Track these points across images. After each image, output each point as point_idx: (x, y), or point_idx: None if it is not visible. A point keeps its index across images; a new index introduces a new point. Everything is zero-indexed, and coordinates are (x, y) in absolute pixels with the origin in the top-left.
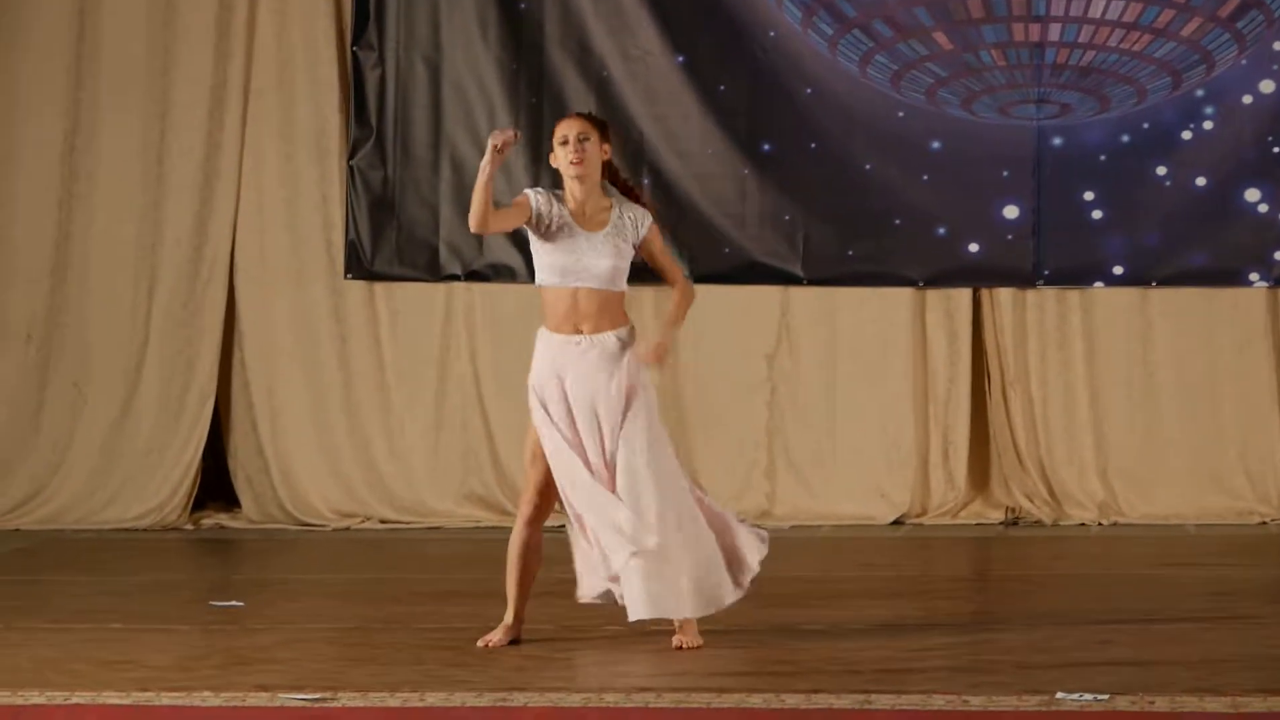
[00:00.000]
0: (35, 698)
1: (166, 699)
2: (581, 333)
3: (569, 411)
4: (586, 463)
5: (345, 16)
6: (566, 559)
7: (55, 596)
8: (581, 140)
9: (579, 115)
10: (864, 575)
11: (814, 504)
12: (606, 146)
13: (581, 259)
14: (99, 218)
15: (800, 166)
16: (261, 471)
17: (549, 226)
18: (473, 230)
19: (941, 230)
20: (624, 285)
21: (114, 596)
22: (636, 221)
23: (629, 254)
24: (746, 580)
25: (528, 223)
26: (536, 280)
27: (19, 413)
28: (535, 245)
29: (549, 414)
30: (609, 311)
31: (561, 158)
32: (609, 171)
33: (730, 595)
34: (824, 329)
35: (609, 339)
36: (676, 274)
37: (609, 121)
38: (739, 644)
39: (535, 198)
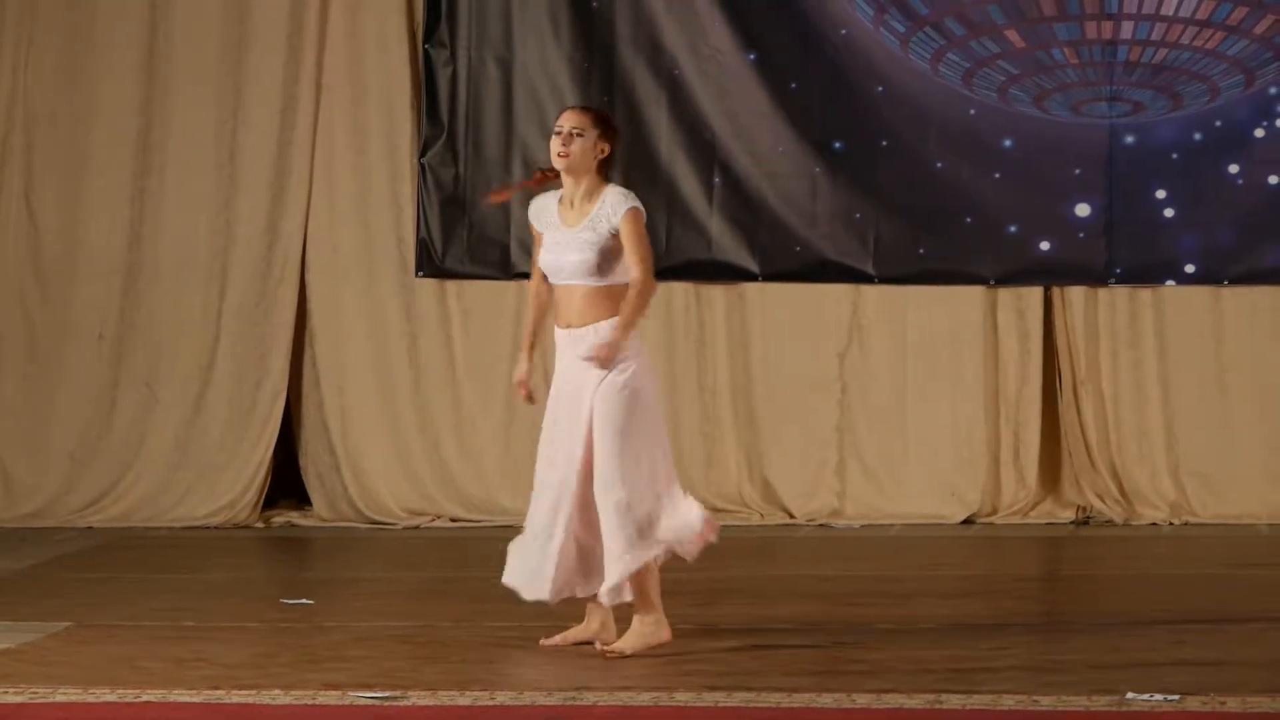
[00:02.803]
0: (107, 695)
1: (237, 697)
2: (570, 326)
3: (557, 405)
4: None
5: (417, 14)
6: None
7: (126, 594)
8: (575, 134)
9: (580, 109)
10: (934, 574)
11: (884, 503)
12: (604, 146)
13: (560, 256)
14: (170, 215)
15: (871, 164)
16: (332, 469)
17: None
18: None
19: (1013, 228)
20: (607, 279)
21: (185, 594)
22: (610, 213)
23: (605, 244)
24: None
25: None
26: None
27: (92, 411)
28: None
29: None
30: (594, 307)
31: (551, 148)
32: (603, 171)
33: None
34: (895, 327)
35: (588, 332)
36: (634, 267)
37: (615, 122)
38: (810, 643)
39: (534, 216)
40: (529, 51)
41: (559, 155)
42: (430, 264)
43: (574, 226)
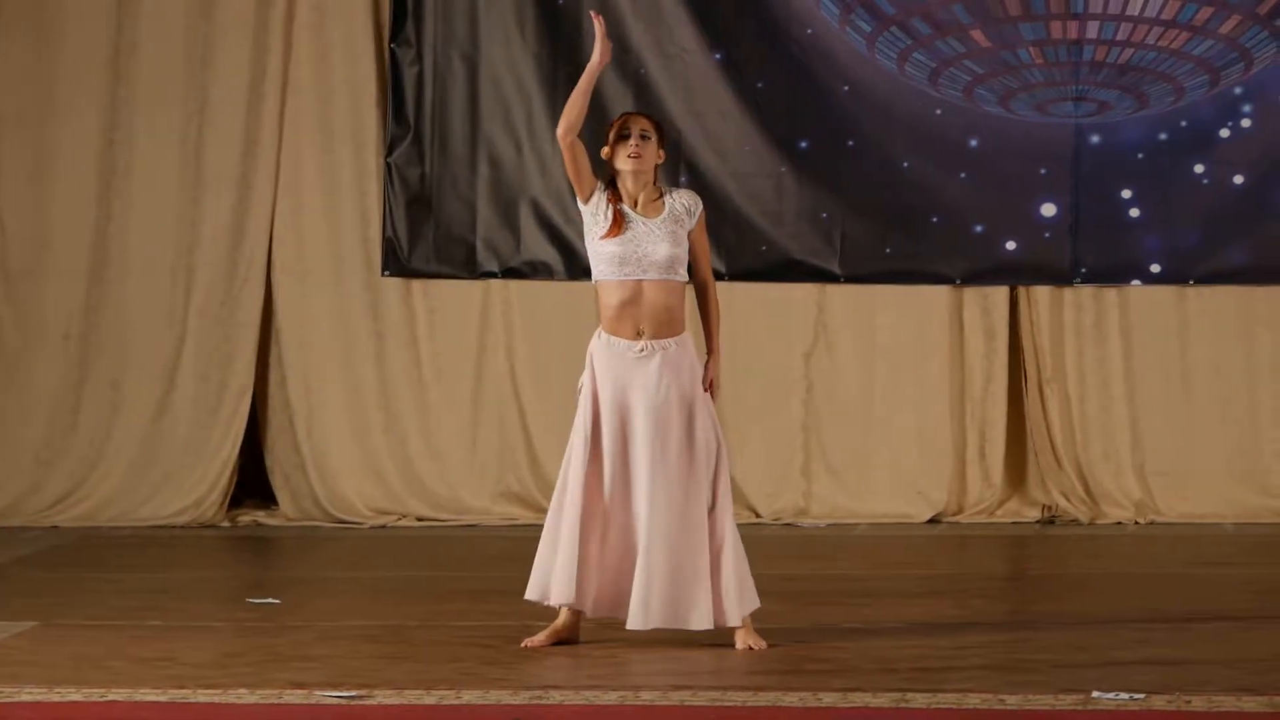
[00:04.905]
0: (73, 694)
1: (203, 696)
2: (642, 336)
3: (624, 422)
4: (620, 475)
5: (383, 13)
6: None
7: (92, 594)
8: (644, 137)
9: (643, 114)
10: (900, 574)
11: (850, 502)
12: (662, 151)
13: (640, 247)
14: (136, 214)
15: (837, 164)
16: (298, 469)
17: (597, 215)
18: (561, 134)
19: (979, 228)
20: (684, 275)
21: (151, 594)
22: (689, 206)
23: (685, 242)
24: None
25: (582, 194)
26: (593, 276)
27: (57, 410)
28: (590, 237)
29: (600, 421)
30: (670, 309)
31: (620, 151)
32: (657, 176)
33: (699, 622)
34: (861, 327)
35: (669, 346)
36: (708, 274)
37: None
38: (775, 642)
39: (598, 183)
40: (495, 50)
41: (632, 156)
42: (396, 263)
43: (654, 217)
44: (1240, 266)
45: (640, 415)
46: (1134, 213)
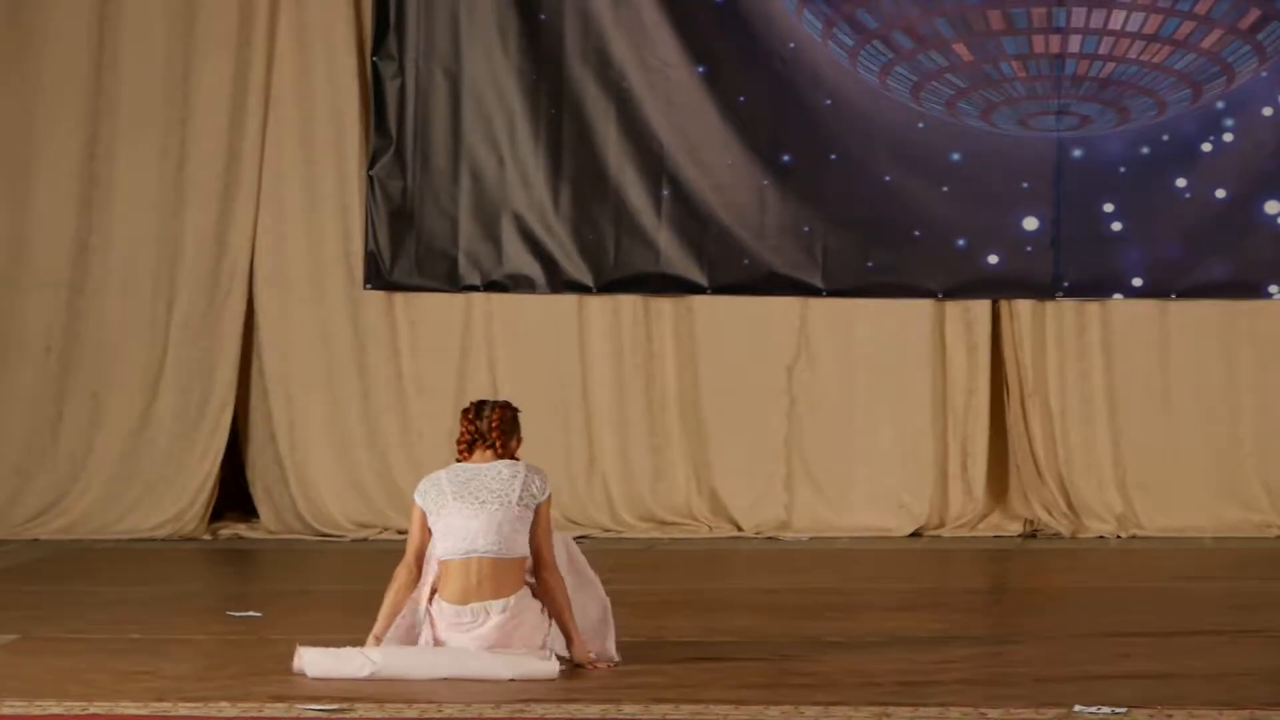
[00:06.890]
0: (53, 708)
1: (184, 709)
2: None
3: None
4: None
5: (365, 26)
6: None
7: (73, 606)
8: None
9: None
10: (882, 587)
11: (832, 515)
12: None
13: None
14: (118, 227)
15: (820, 178)
16: (280, 482)
17: None
18: None
19: (961, 242)
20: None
21: (132, 607)
22: None
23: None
24: None
25: None
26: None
27: (38, 423)
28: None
29: None
30: None
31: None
32: None
33: None
34: (843, 340)
35: None
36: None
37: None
38: (757, 655)
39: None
40: (477, 64)
41: None
42: (378, 276)
43: None
44: (1222, 280)
45: None
46: (1116, 227)
